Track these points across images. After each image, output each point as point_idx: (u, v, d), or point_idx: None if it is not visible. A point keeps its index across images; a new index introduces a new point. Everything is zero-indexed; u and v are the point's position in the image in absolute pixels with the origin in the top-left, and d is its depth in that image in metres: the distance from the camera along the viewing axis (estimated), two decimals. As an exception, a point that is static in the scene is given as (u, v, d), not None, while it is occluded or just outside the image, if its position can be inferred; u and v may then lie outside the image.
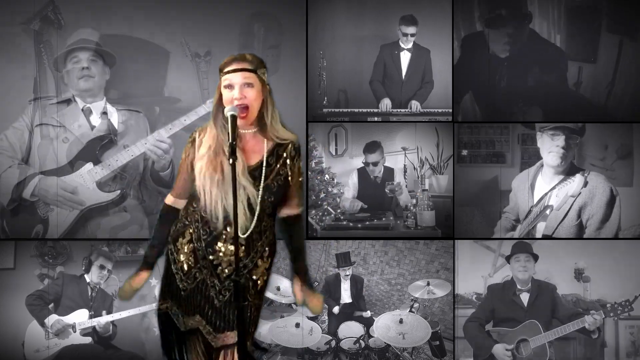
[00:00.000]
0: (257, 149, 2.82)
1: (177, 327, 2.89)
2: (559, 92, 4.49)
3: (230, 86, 2.75)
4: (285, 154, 2.84)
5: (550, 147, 4.46)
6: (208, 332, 2.83)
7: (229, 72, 2.75)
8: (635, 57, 4.45)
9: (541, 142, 4.50)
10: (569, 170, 4.46)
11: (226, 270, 2.80)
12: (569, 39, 4.50)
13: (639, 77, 4.48)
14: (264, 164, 2.80)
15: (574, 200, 4.42)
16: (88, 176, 4.39)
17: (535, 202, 4.49)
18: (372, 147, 4.64)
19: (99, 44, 4.46)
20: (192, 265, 2.84)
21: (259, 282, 2.87)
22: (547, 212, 4.44)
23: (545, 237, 4.46)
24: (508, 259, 4.43)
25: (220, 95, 2.78)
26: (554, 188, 4.46)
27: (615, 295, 4.41)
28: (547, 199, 4.45)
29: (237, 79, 2.74)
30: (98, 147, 4.42)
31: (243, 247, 2.78)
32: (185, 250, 2.85)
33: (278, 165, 2.82)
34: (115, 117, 4.51)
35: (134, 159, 4.42)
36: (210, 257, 2.81)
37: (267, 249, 2.86)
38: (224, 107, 2.75)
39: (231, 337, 2.79)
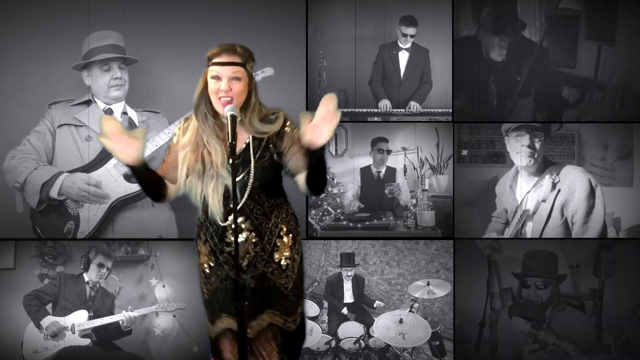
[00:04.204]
0: (241, 136, 2.81)
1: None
2: (548, 93, 4.54)
3: (217, 77, 2.74)
4: (267, 137, 2.82)
5: (517, 148, 4.48)
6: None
7: (218, 63, 2.74)
8: (613, 62, 4.50)
9: (509, 145, 4.52)
10: (543, 168, 4.47)
11: (245, 260, 2.81)
12: (550, 46, 4.53)
13: (619, 81, 4.51)
14: (247, 149, 2.81)
15: (554, 200, 4.42)
16: (114, 170, 4.38)
17: (519, 203, 4.50)
18: (378, 140, 4.67)
19: (124, 48, 4.47)
20: (213, 265, 2.87)
21: (282, 262, 2.86)
22: (526, 216, 4.45)
23: (534, 238, 4.47)
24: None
25: (205, 84, 2.77)
26: (529, 192, 4.47)
27: (616, 295, 4.44)
28: (524, 203, 4.45)
29: (225, 71, 2.73)
30: None
31: (254, 234, 2.80)
32: (204, 251, 2.88)
33: (261, 149, 2.82)
34: (134, 117, 4.52)
35: (158, 150, 4.38)
36: (227, 249, 2.82)
37: (283, 227, 2.87)
38: (207, 96, 2.76)
39: (264, 319, 2.83)
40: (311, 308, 4.65)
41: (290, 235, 2.89)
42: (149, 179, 2.84)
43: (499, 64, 4.56)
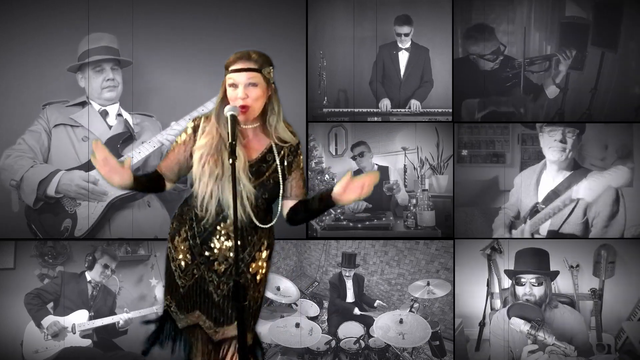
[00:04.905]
0: (258, 145, 2.84)
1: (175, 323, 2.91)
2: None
3: (234, 85, 2.75)
4: (283, 152, 2.84)
5: (550, 143, 4.48)
6: (208, 326, 2.85)
7: (233, 71, 2.75)
8: (615, 66, 4.57)
9: (542, 140, 4.52)
10: (572, 166, 4.47)
11: (223, 265, 2.82)
12: (560, 50, 4.58)
13: (618, 84, 4.56)
14: (263, 160, 2.82)
15: (578, 200, 4.42)
16: None
17: (542, 200, 4.48)
18: (357, 145, 4.68)
19: (117, 50, 4.47)
20: (190, 263, 2.85)
21: (257, 275, 2.87)
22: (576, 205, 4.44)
23: (550, 237, 4.47)
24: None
25: (225, 93, 2.78)
26: (562, 191, 4.46)
27: (616, 295, 4.45)
28: (571, 191, 4.42)
29: (241, 78, 2.74)
30: (119, 143, 4.42)
31: (239, 242, 2.78)
32: (182, 248, 2.86)
33: (276, 162, 2.83)
34: (129, 120, 4.53)
35: (154, 154, 4.39)
36: (207, 253, 2.82)
37: (264, 241, 2.87)
38: (227, 104, 2.76)
39: (231, 330, 2.81)
40: (311, 308, 4.66)
41: (269, 250, 2.91)
42: (143, 188, 2.96)
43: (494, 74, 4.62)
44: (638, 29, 4.54)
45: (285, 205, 2.87)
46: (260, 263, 2.88)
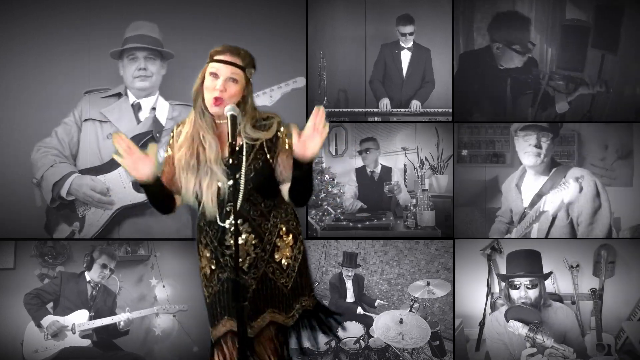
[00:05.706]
0: None
1: None
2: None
3: (215, 75, 2.75)
4: (257, 145, 2.81)
5: (525, 147, 4.48)
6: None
7: (219, 61, 2.75)
8: (615, 69, 4.57)
9: (517, 145, 4.53)
10: (550, 168, 4.47)
11: (246, 262, 2.81)
12: (561, 51, 4.58)
13: (618, 86, 4.55)
14: (240, 152, 2.79)
15: (560, 200, 4.43)
16: (126, 174, 4.37)
17: (528, 205, 4.49)
18: (366, 140, 4.68)
19: (158, 40, 4.43)
20: (215, 268, 2.86)
21: (283, 261, 2.87)
22: (543, 217, 4.44)
23: (541, 237, 4.47)
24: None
25: (203, 80, 2.78)
26: (546, 193, 4.46)
27: (616, 295, 4.45)
28: (541, 204, 4.43)
29: (224, 70, 2.74)
30: (139, 144, 4.40)
31: (252, 235, 2.80)
32: (207, 255, 2.88)
33: (254, 151, 2.80)
34: (165, 112, 4.48)
35: None
36: (227, 252, 2.82)
37: (282, 227, 2.86)
38: (204, 93, 2.76)
39: (265, 318, 2.84)
40: (311, 308, 4.65)
41: (291, 235, 2.89)
42: (162, 195, 2.85)
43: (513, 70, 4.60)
44: (638, 31, 4.54)
45: (284, 190, 2.83)
46: (283, 249, 2.86)
